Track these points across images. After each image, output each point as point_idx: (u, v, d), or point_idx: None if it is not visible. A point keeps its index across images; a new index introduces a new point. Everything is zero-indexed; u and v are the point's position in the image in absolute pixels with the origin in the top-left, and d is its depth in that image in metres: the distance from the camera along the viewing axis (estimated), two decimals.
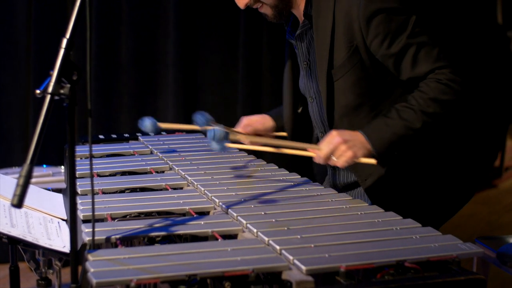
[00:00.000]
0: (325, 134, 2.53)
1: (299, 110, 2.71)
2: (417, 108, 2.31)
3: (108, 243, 1.94)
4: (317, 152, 2.31)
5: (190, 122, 2.76)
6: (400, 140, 2.32)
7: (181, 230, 1.99)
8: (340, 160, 2.27)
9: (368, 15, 2.33)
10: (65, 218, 2.56)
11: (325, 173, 2.77)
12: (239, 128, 2.79)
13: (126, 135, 3.33)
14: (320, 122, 2.58)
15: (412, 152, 2.44)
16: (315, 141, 2.69)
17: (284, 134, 2.82)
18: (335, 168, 2.62)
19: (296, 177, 2.55)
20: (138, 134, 3.30)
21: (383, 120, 2.33)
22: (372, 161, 2.29)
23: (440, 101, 2.31)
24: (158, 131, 2.88)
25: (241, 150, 2.78)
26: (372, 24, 2.33)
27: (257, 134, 2.78)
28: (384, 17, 2.33)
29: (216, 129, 2.34)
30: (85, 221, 2.05)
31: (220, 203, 2.23)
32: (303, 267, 1.68)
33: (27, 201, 1.70)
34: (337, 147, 2.27)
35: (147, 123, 2.81)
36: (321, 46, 2.43)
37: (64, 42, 1.76)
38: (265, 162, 2.76)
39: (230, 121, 3.05)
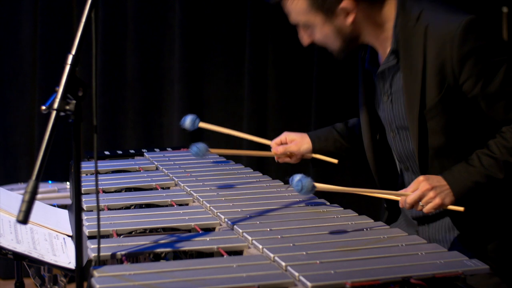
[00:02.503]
0: (408, 169, 2.46)
1: (378, 137, 2.58)
2: (500, 158, 2.23)
3: (114, 259, 1.93)
4: (404, 198, 2.23)
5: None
6: (480, 188, 2.25)
7: (186, 246, 1.99)
8: (427, 206, 2.20)
9: (462, 56, 2.22)
10: (71, 234, 2.56)
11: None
12: (274, 143, 2.79)
13: (132, 151, 3.33)
14: (405, 157, 2.46)
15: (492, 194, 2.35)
16: (399, 172, 2.59)
17: (320, 156, 2.75)
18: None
19: None
20: (144, 150, 3.30)
21: (465, 167, 2.25)
22: (460, 208, 2.21)
23: None
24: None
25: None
26: (466, 65, 2.22)
27: (288, 156, 2.77)
28: (479, 57, 2.22)
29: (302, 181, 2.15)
30: (90, 237, 2.05)
31: (226, 219, 2.23)
32: (309, 284, 1.67)
33: (33, 217, 1.69)
34: (425, 193, 2.20)
35: (187, 120, 2.88)
36: (411, 86, 2.32)
37: (70, 58, 1.76)
38: (271, 179, 2.75)
39: (235, 138, 3.04)
